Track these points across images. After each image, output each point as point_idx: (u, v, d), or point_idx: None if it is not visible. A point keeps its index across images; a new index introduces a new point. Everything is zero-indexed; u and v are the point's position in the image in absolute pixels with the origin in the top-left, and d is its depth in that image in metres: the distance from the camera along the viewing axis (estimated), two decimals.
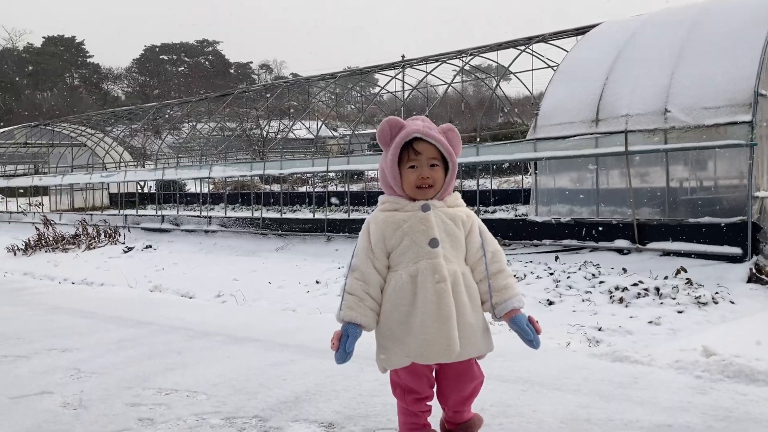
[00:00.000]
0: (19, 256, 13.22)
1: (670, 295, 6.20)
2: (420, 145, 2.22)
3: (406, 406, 2.29)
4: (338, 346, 2.12)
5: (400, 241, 2.20)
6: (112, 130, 25.66)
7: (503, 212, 14.56)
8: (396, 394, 2.31)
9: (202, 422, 2.80)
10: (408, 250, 2.19)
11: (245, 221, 14.64)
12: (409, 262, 2.18)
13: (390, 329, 2.18)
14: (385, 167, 2.26)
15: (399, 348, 2.17)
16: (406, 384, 2.25)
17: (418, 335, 2.13)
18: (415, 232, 2.19)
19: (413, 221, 2.20)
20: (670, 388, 3.07)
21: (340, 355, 2.13)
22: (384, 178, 2.30)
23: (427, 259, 2.17)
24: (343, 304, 2.17)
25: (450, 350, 2.14)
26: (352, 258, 2.25)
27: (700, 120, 7.84)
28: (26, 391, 3.33)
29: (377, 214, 2.27)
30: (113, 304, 6.27)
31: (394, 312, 2.17)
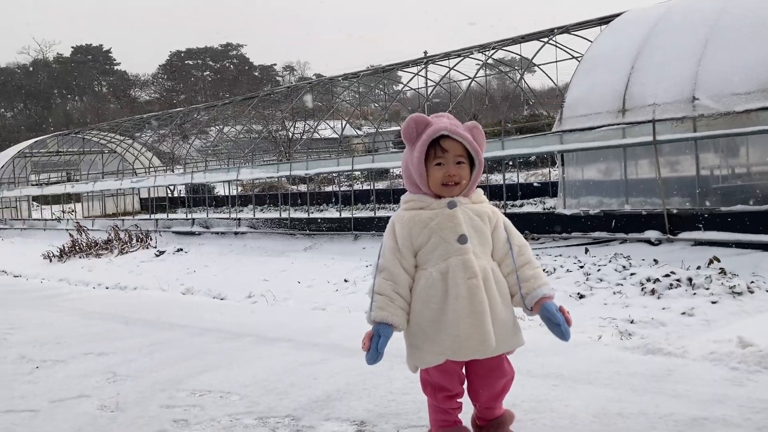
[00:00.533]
0: (54, 262, 13.50)
1: (704, 286, 6.10)
2: (447, 142, 2.21)
3: (438, 403, 2.29)
4: (369, 347, 2.12)
5: (428, 239, 2.19)
6: (141, 135, 26.06)
7: (531, 206, 14.46)
8: (427, 392, 2.31)
9: (235, 422, 2.84)
10: (437, 248, 2.18)
11: (273, 222, 14.76)
12: (438, 260, 2.18)
13: (421, 328, 2.17)
14: (411, 164, 2.25)
15: (432, 346, 2.17)
16: (437, 382, 2.25)
17: (451, 332, 2.13)
18: (443, 229, 2.18)
19: (441, 218, 2.20)
20: (705, 381, 3.02)
21: (371, 356, 2.12)
22: (408, 175, 2.29)
23: (457, 255, 2.16)
24: (373, 304, 2.16)
25: (486, 345, 2.14)
26: (379, 258, 2.23)
27: (729, 106, 7.69)
28: (65, 395, 3.41)
29: (402, 213, 2.26)
30: (146, 308, 6.37)
31: (425, 310, 2.17)
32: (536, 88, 21.70)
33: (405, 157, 2.30)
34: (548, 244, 9.32)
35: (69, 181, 26.80)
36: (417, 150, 2.21)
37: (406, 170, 2.30)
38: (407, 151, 2.28)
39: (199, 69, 72.39)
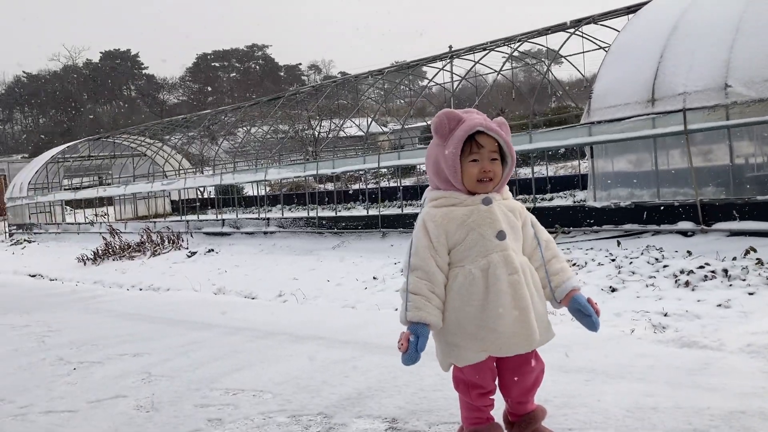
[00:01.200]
0: (88, 265, 13.76)
1: (740, 277, 5.98)
2: (482, 138, 2.21)
3: (471, 401, 2.28)
4: (407, 347, 2.09)
5: (465, 236, 2.18)
6: (170, 138, 26.39)
7: (561, 199, 14.32)
8: (459, 389, 2.30)
9: (269, 420, 2.87)
10: (475, 245, 2.17)
11: (301, 221, 14.85)
12: (477, 257, 2.17)
13: (461, 326, 2.15)
14: (443, 160, 2.22)
15: (473, 343, 2.16)
16: (471, 379, 2.24)
17: (495, 328, 2.12)
18: (481, 225, 2.18)
19: (478, 215, 2.19)
20: (742, 374, 2.97)
21: (410, 357, 2.11)
22: (437, 171, 2.26)
23: (497, 252, 2.16)
24: (409, 304, 2.13)
25: (531, 340, 2.16)
26: (410, 257, 2.20)
27: (763, 93, 7.53)
28: (102, 396, 3.48)
29: (433, 211, 2.23)
30: (179, 309, 6.46)
31: (465, 307, 2.15)
32: (563, 80, 21.48)
33: (433, 152, 2.28)
34: (579, 238, 9.22)
35: (101, 184, 27.26)
36: (452, 145, 2.20)
37: (435, 165, 2.27)
38: (436, 147, 2.26)
39: (225, 71, 73.08)
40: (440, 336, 2.23)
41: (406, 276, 2.20)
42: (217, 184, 18.63)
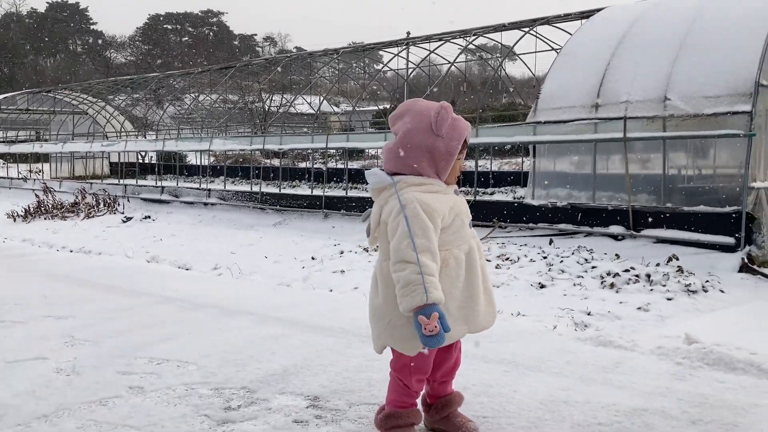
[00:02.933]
0: (18, 222, 13.28)
1: (661, 282, 6.26)
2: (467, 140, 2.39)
3: (409, 385, 2.32)
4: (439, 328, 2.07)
5: (451, 221, 2.27)
6: (114, 98, 25.58)
7: (502, 194, 14.58)
8: (401, 373, 2.32)
9: (191, 392, 2.87)
10: (459, 230, 2.29)
11: (244, 195, 14.68)
12: (460, 242, 2.29)
13: (446, 307, 2.17)
14: (439, 150, 2.26)
15: (455, 324, 2.22)
16: (418, 365, 2.29)
17: (474, 308, 2.28)
18: (462, 213, 2.32)
19: (460, 203, 2.34)
20: (650, 374, 3.14)
21: (441, 338, 2.09)
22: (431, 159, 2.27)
23: (473, 238, 2.35)
24: (428, 286, 2.09)
25: (494, 317, 2.39)
26: (413, 239, 2.13)
27: (699, 109, 7.85)
28: (22, 356, 3.40)
29: (423, 195, 2.22)
30: (110, 274, 6.33)
31: (452, 290, 2.23)
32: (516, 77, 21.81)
33: (427, 141, 2.26)
34: (514, 233, 9.45)
35: (38, 140, 26.26)
36: (455, 139, 2.29)
37: (429, 153, 2.27)
38: (431, 136, 2.26)
39: (177, 34, 71.06)
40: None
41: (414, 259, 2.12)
42: (159, 150, 18.22)
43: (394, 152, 2.30)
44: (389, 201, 2.25)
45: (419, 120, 2.28)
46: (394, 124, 2.35)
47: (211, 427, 2.49)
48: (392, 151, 2.31)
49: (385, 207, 2.26)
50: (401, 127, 2.31)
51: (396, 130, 2.33)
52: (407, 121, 2.30)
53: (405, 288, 2.10)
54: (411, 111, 2.31)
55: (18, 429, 2.47)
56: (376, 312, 2.30)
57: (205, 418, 2.57)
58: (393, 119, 2.37)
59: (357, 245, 9.06)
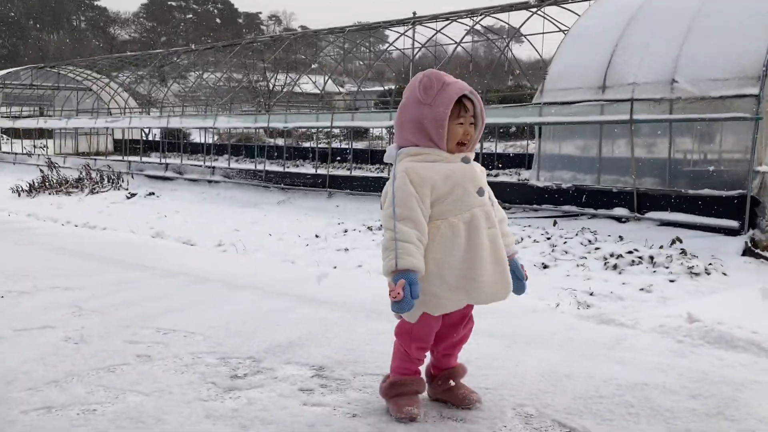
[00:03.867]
0: (23, 197, 13.33)
1: (664, 264, 6.28)
2: (468, 102, 2.31)
3: (410, 352, 2.36)
4: (404, 295, 2.11)
5: (450, 190, 2.26)
6: (118, 75, 25.51)
7: (506, 176, 14.55)
8: (402, 339, 2.37)
9: (197, 360, 2.91)
10: (460, 199, 2.27)
11: (248, 173, 14.69)
12: (462, 210, 2.26)
13: (442, 276, 2.22)
14: (428, 118, 2.27)
15: (454, 294, 2.24)
16: (417, 333, 2.32)
17: (476, 278, 2.24)
18: (465, 181, 2.28)
19: (461, 171, 2.30)
20: (651, 351, 3.17)
21: (407, 303, 2.12)
22: (419, 129, 2.29)
23: (479, 206, 2.29)
24: (400, 252, 2.14)
25: (507, 290, 2.33)
26: (395, 207, 2.20)
27: (706, 91, 7.81)
28: (30, 325, 3.45)
29: (415, 164, 2.26)
30: (115, 248, 6.37)
31: (447, 258, 2.23)
32: (522, 59, 21.63)
33: (415, 111, 2.30)
34: (519, 215, 9.46)
35: (42, 116, 26.23)
36: (442, 105, 2.26)
37: (417, 123, 2.30)
38: (419, 105, 2.29)
39: (181, 11, 70.64)
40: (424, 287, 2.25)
41: (392, 227, 2.19)
42: (163, 127, 18.21)
43: (396, 127, 2.38)
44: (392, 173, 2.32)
45: (410, 92, 2.34)
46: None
47: (218, 394, 2.53)
48: (395, 127, 2.39)
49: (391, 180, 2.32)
50: (401, 103, 2.38)
51: (400, 106, 2.40)
52: (407, 95, 2.36)
53: (383, 254, 2.20)
54: (410, 86, 2.36)
55: (29, 393, 2.51)
56: None
57: (212, 386, 2.61)
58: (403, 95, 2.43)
59: (361, 224, 9.09)
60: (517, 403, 2.47)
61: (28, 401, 2.43)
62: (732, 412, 2.40)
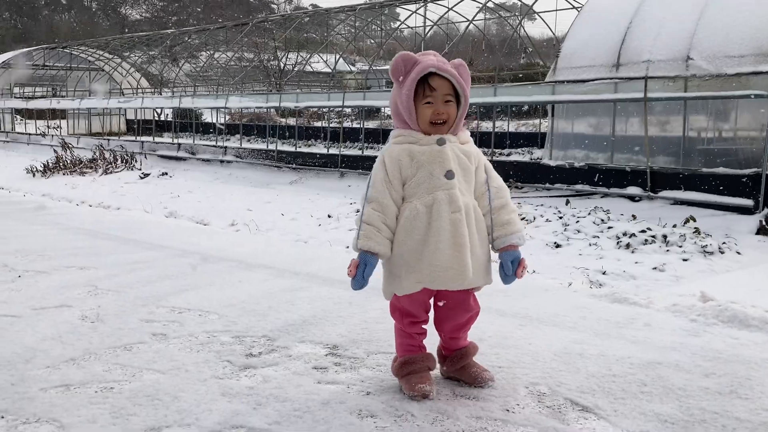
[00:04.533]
0: (38, 177, 13.44)
1: (677, 243, 6.26)
2: (435, 80, 2.25)
3: (403, 327, 2.40)
4: (356, 273, 2.22)
5: (416, 172, 2.25)
6: (130, 55, 25.52)
7: (519, 155, 14.51)
8: (395, 316, 2.42)
9: (213, 339, 2.95)
10: (424, 181, 2.25)
11: (260, 153, 14.72)
12: (424, 193, 2.25)
13: (403, 258, 2.26)
14: (400, 102, 2.29)
15: (411, 274, 2.25)
16: (405, 308, 2.36)
17: (432, 262, 2.22)
18: (431, 163, 2.25)
19: (430, 153, 2.26)
20: (664, 330, 3.16)
21: (357, 282, 2.23)
22: (397, 113, 2.34)
23: (444, 189, 2.24)
24: (361, 233, 2.23)
25: (463, 277, 2.24)
26: (368, 189, 2.28)
27: (722, 69, 7.71)
28: (47, 304, 3.49)
29: (392, 147, 2.31)
30: (130, 227, 6.43)
31: (408, 241, 2.25)
32: (535, 37, 21.45)
33: (393, 95, 2.35)
34: (531, 194, 9.43)
35: (54, 96, 26.34)
36: (406, 87, 2.26)
37: (394, 107, 2.35)
38: (396, 89, 2.33)
39: None
40: (385, 266, 2.35)
41: (362, 207, 2.29)
42: (175, 107, 18.24)
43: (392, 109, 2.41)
44: None
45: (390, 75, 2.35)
46: None
47: (234, 372, 2.56)
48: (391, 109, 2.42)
49: None
50: None
51: None
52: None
53: (357, 230, 2.28)
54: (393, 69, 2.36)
55: (47, 371, 2.55)
56: None
57: (228, 364, 2.64)
58: None
59: None
60: (529, 382, 2.48)
61: (47, 379, 2.47)
62: (745, 391, 2.40)
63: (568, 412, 2.23)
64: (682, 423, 2.14)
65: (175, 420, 2.13)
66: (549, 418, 2.18)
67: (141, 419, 2.14)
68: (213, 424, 2.10)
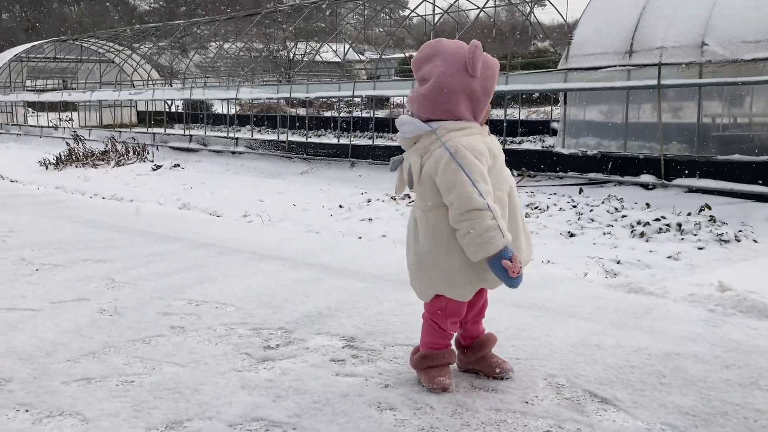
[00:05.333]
0: (50, 170, 13.53)
1: (692, 232, 6.22)
2: None
3: (446, 328, 2.35)
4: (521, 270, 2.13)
5: (493, 163, 2.22)
6: (140, 47, 25.56)
7: (530, 143, 14.44)
8: (437, 317, 2.34)
9: (230, 331, 2.96)
10: (499, 172, 2.25)
11: (271, 144, 14.73)
12: (502, 183, 2.25)
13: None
14: (477, 92, 2.22)
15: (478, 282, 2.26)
16: (452, 308, 2.31)
17: (517, 247, 2.24)
18: (500, 154, 2.26)
19: (495, 145, 2.27)
20: (682, 320, 3.15)
21: (521, 277, 2.14)
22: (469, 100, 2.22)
23: (510, 177, 2.30)
24: (503, 229, 2.11)
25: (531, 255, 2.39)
26: (476, 185, 2.11)
27: (738, 54, 7.63)
28: (64, 297, 3.52)
29: (467, 139, 2.18)
30: (144, 219, 6.46)
31: None
32: (546, 24, 21.27)
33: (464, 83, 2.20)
34: (543, 182, 9.39)
35: (66, 89, 26.45)
36: (491, 79, 2.25)
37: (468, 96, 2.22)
38: (468, 78, 2.20)
39: None
40: (470, 266, 2.22)
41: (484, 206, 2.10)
42: (186, 99, 18.27)
43: (430, 97, 2.21)
44: (431, 150, 2.20)
45: (452, 61, 2.19)
46: (421, 67, 2.25)
47: (252, 364, 2.57)
48: (427, 97, 2.21)
49: (428, 157, 2.19)
50: (432, 70, 2.21)
51: (425, 74, 2.23)
52: (438, 64, 2.20)
53: (483, 235, 2.08)
54: (441, 53, 2.21)
55: (68, 365, 2.57)
56: (423, 262, 2.27)
57: (246, 356, 2.65)
58: (419, 62, 2.26)
59: (384, 194, 9.10)
60: (548, 374, 2.48)
61: (68, 372, 2.49)
62: (767, 383, 2.39)
63: (588, 404, 2.23)
64: (703, 415, 2.14)
65: (196, 413, 2.15)
66: (568, 410, 2.18)
67: (162, 413, 2.15)
68: (234, 417, 2.12)
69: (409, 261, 2.38)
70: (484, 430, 2.05)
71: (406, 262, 2.40)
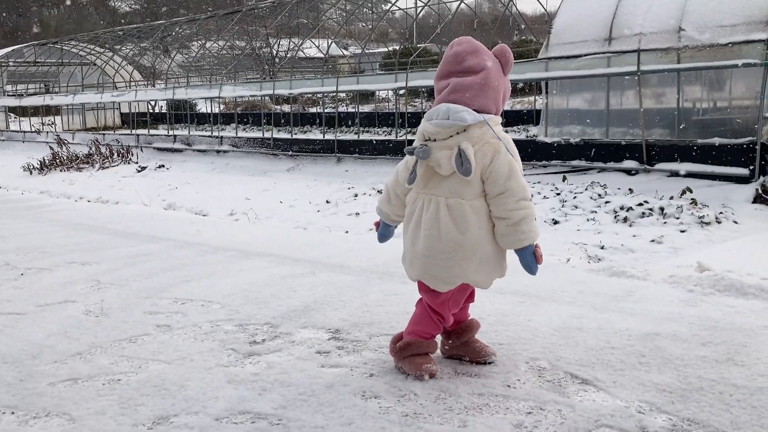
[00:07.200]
0: (35, 174, 13.45)
1: (674, 215, 6.29)
2: None
3: (446, 318, 2.41)
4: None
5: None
6: (121, 48, 25.39)
7: (514, 133, 14.48)
8: (442, 307, 2.38)
9: (216, 328, 2.98)
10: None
11: (256, 142, 14.71)
12: None
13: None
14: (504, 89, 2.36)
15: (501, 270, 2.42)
16: (456, 298, 2.41)
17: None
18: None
19: None
20: (662, 301, 3.20)
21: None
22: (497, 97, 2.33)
23: None
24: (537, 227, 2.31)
25: None
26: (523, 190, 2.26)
27: (714, 38, 7.70)
28: (50, 300, 3.53)
29: (506, 135, 2.35)
30: (129, 221, 6.45)
31: None
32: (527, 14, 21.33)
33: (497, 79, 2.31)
34: (528, 171, 9.45)
35: (47, 93, 26.24)
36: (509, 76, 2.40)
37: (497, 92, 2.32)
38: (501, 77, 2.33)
39: None
40: (500, 254, 2.38)
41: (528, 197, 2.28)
42: (169, 99, 18.19)
43: (485, 88, 2.27)
44: (485, 139, 2.25)
45: (494, 59, 2.32)
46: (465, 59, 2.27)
47: (238, 359, 2.60)
48: (482, 87, 2.26)
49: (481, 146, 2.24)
50: (480, 63, 2.27)
51: (472, 65, 2.26)
52: (485, 58, 2.29)
53: (531, 223, 2.25)
54: (482, 49, 2.31)
55: (55, 366, 2.58)
56: (461, 250, 2.26)
57: (232, 352, 2.67)
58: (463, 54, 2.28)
59: (371, 188, 9.12)
60: (530, 357, 2.52)
61: (54, 374, 2.51)
62: (742, 358, 2.45)
63: (568, 386, 2.27)
64: (680, 392, 2.19)
65: (182, 408, 2.17)
66: (549, 391, 2.22)
67: (149, 409, 2.18)
68: (220, 411, 2.14)
69: (433, 250, 2.28)
70: (467, 414, 2.08)
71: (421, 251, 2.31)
